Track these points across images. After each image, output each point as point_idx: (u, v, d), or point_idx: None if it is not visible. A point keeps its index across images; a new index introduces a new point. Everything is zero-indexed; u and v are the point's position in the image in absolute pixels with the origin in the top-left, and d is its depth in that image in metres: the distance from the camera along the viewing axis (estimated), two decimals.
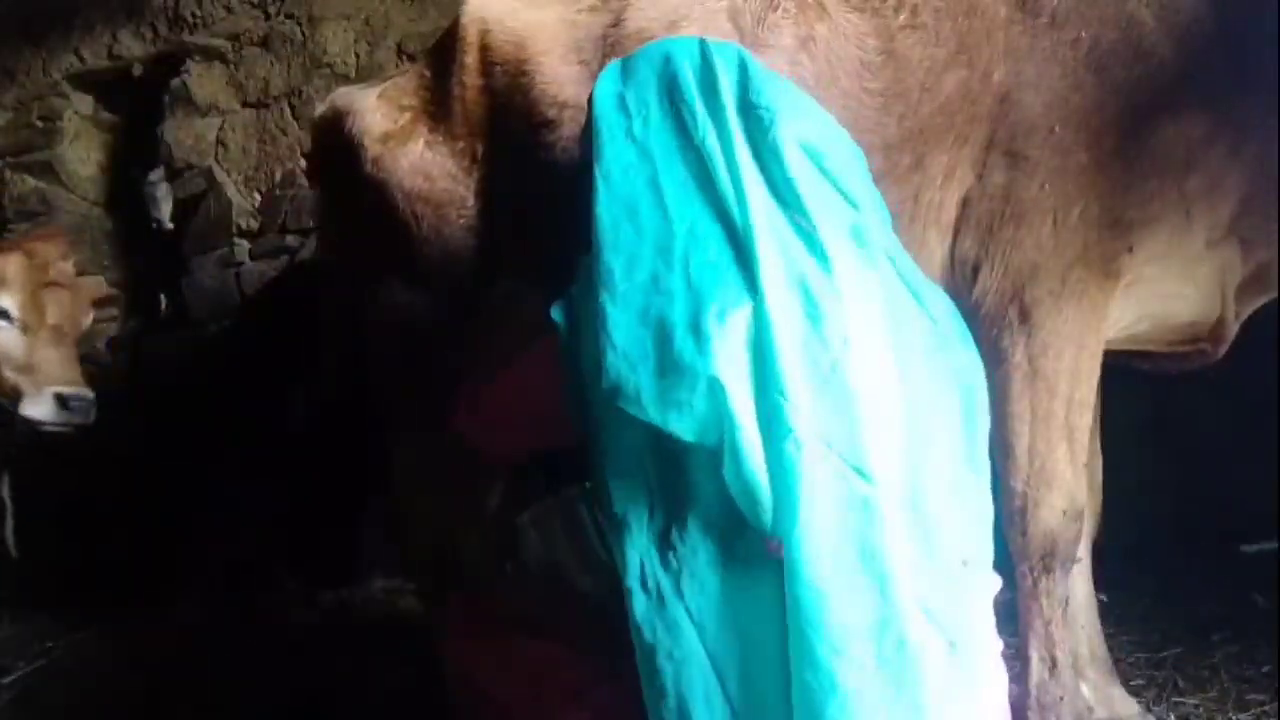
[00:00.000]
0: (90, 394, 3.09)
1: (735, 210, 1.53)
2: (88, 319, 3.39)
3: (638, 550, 1.48)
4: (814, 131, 1.65)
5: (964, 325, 1.70)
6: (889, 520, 1.38)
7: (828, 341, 1.44)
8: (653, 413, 1.45)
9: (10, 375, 3.09)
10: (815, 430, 1.40)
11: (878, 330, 1.49)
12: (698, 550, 1.45)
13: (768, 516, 1.40)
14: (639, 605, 1.45)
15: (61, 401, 3.06)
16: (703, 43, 1.71)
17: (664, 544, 1.47)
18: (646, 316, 1.48)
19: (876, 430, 1.43)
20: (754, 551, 1.43)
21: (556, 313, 1.66)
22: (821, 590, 1.33)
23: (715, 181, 1.57)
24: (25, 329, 3.12)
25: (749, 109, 1.62)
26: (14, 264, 3.16)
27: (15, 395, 3.09)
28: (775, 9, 1.98)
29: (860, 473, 1.39)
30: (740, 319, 1.44)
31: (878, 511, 1.38)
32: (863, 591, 1.35)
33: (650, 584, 1.46)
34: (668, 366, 1.43)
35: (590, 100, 1.75)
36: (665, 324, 1.46)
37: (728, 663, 1.41)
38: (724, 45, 1.73)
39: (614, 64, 1.77)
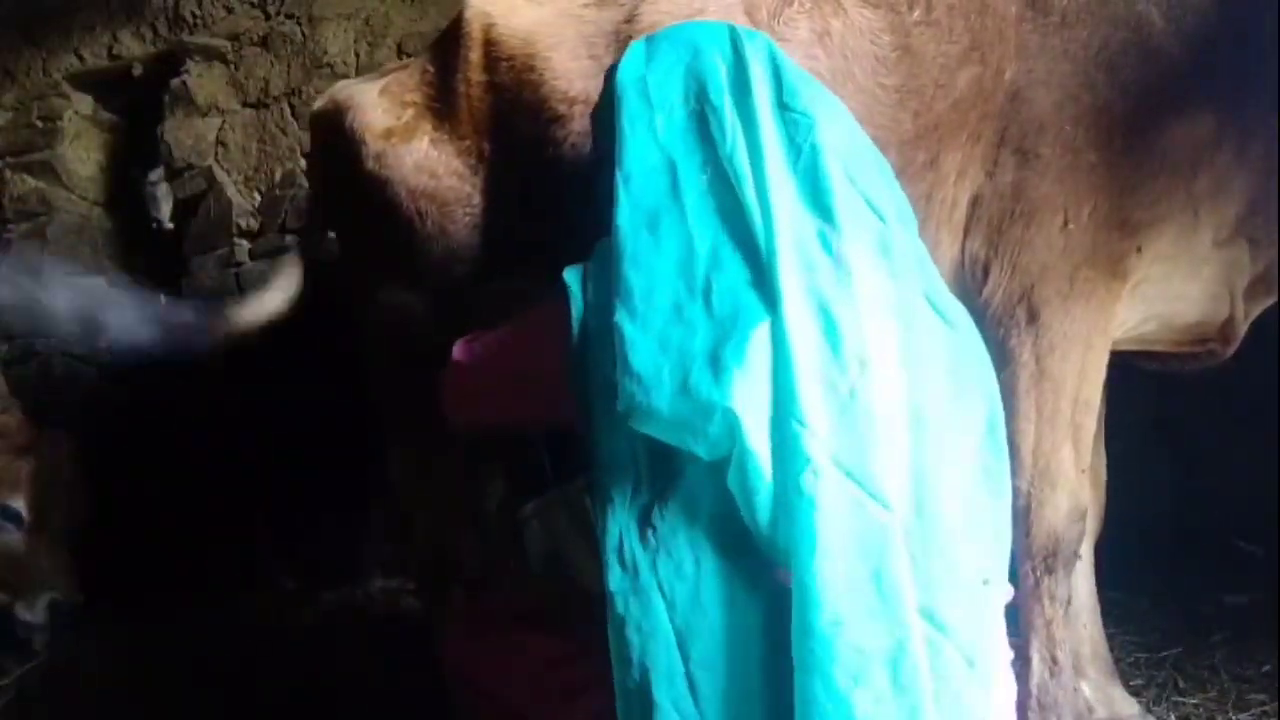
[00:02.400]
0: (81, 598, 3.14)
1: (759, 228, 1.50)
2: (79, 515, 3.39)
3: (618, 524, 1.48)
4: (843, 139, 1.63)
5: (980, 339, 1.69)
6: (904, 546, 1.38)
7: (845, 365, 1.43)
8: (667, 434, 1.45)
9: (8, 578, 3.13)
10: (833, 457, 1.39)
11: (894, 349, 1.48)
12: (677, 532, 1.45)
13: (768, 536, 1.40)
14: (614, 577, 1.46)
15: (54, 608, 3.11)
16: (733, 31, 1.68)
17: (644, 522, 1.47)
18: (666, 345, 1.46)
19: (893, 454, 1.42)
20: (735, 542, 1.44)
21: (572, 278, 1.64)
22: (838, 617, 1.32)
23: (740, 197, 1.54)
24: (30, 532, 3.17)
25: (785, 112, 1.60)
26: (26, 467, 3.23)
27: (10, 597, 3.15)
28: (791, 3, 1.98)
29: (878, 499, 1.38)
30: (760, 347, 1.43)
31: (895, 538, 1.37)
32: (879, 618, 1.34)
33: (627, 558, 1.46)
34: (684, 396, 1.42)
35: (610, 80, 1.72)
36: (685, 355, 1.44)
37: (693, 643, 1.41)
38: (754, 35, 1.70)
39: (637, 45, 1.72)
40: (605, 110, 1.72)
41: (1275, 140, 1.88)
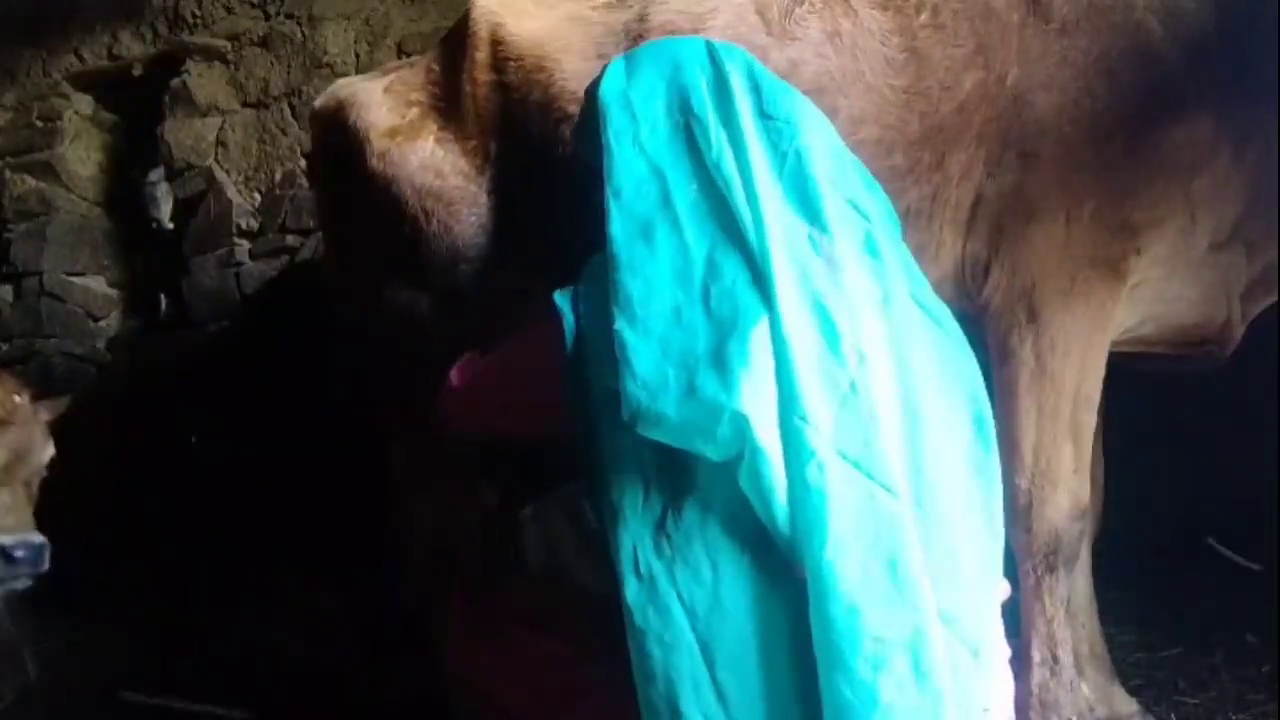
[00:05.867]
0: (39, 539, 2.77)
1: (751, 232, 1.52)
2: (48, 450, 3.24)
3: (631, 536, 1.48)
4: (824, 145, 1.65)
5: (965, 338, 1.70)
6: (914, 534, 1.39)
7: (844, 360, 1.45)
8: (676, 439, 1.45)
9: None
10: (838, 449, 1.40)
11: (885, 346, 1.50)
12: (692, 538, 1.45)
13: (786, 533, 1.40)
14: (631, 590, 1.46)
15: (3, 553, 2.76)
16: (710, 46, 1.71)
17: (659, 531, 1.47)
18: (668, 349, 1.47)
19: (896, 445, 1.44)
20: (752, 543, 1.44)
21: (562, 300, 1.65)
22: (855, 605, 1.33)
23: (730, 203, 1.56)
24: None
25: (767, 120, 1.62)
26: None
27: None
28: (802, 3, 2.00)
29: (887, 488, 1.40)
30: (762, 346, 1.45)
31: (905, 526, 1.38)
32: (896, 605, 1.35)
33: (643, 570, 1.46)
34: (691, 399, 1.42)
35: (592, 96, 1.74)
36: (688, 357, 1.45)
37: (718, 650, 1.41)
38: (730, 49, 1.72)
39: (617, 62, 1.76)
40: (588, 127, 1.75)
41: (1275, 143, 1.89)
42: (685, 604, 1.43)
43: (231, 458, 3.72)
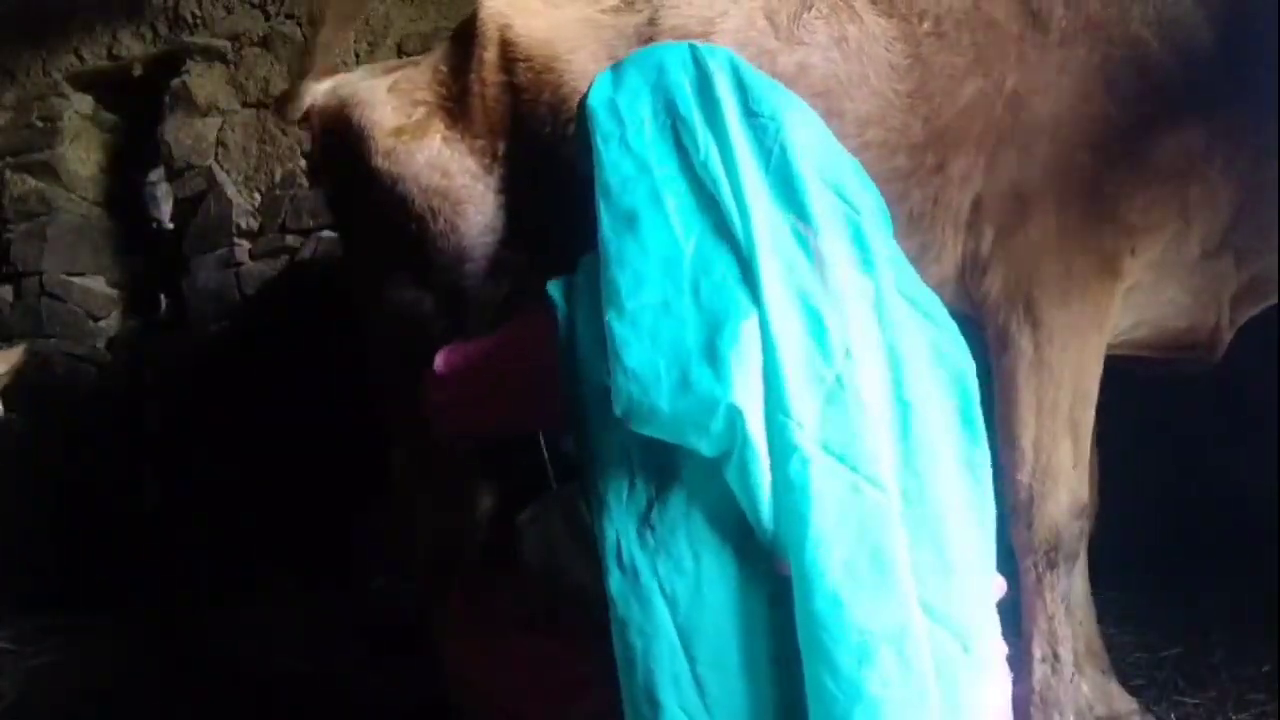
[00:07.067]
0: None
1: (739, 228, 1.53)
2: None
3: (615, 527, 1.49)
4: (813, 139, 1.66)
5: (958, 331, 1.71)
6: (900, 527, 1.39)
7: (830, 355, 1.45)
8: (669, 434, 1.45)
9: None
10: (823, 445, 1.41)
11: (876, 341, 1.50)
12: (676, 531, 1.46)
13: (769, 529, 1.41)
14: (614, 581, 1.47)
15: None
16: (694, 49, 1.72)
17: (643, 523, 1.48)
18: (658, 340, 1.47)
19: (883, 439, 1.44)
20: (736, 537, 1.45)
21: (555, 290, 1.66)
22: (839, 599, 1.33)
23: (718, 200, 1.57)
24: None
25: (751, 117, 1.63)
26: None
27: None
28: (809, 8, 2.04)
29: (873, 482, 1.40)
30: (751, 340, 1.45)
31: (891, 519, 1.39)
32: (881, 599, 1.35)
33: (626, 561, 1.47)
34: (684, 392, 1.43)
35: (582, 107, 1.76)
36: (679, 349, 1.46)
37: (697, 642, 1.42)
38: (714, 50, 1.74)
39: (604, 73, 1.77)
40: (580, 138, 1.75)
41: (1274, 155, 1.91)
42: (666, 595, 1.44)
43: (232, 458, 3.72)
